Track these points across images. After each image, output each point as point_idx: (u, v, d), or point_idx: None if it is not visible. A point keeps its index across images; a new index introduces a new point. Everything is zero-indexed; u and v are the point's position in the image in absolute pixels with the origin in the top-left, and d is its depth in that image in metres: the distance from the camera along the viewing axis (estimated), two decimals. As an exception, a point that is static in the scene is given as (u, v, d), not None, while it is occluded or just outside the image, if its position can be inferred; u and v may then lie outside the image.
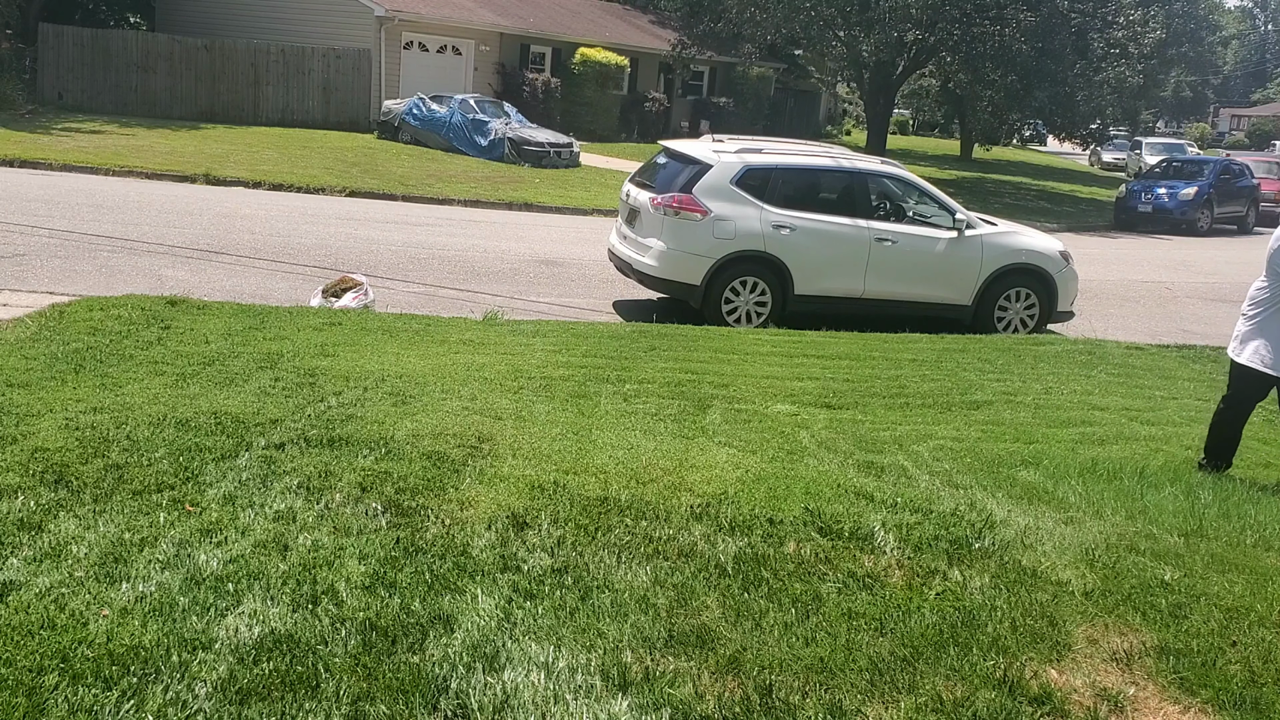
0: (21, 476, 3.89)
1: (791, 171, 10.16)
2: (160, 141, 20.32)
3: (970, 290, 10.33)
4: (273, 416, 4.94)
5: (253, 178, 17.24)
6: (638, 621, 3.18)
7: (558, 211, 17.91)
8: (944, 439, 6.42)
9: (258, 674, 2.76)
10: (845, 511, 4.12)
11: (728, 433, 5.81)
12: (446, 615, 3.13)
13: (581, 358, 7.54)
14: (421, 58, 27.52)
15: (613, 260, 10.68)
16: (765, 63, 35.53)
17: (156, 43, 25.76)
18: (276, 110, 25.78)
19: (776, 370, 7.87)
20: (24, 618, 2.91)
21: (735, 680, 2.92)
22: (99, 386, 5.49)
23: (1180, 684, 3.08)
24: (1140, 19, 28.60)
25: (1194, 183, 25.15)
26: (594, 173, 22.85)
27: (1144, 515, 4.74)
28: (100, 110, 23.95)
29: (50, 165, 16.58)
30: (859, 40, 27.70)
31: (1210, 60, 78.58)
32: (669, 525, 3.89)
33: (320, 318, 8.07)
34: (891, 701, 2.88)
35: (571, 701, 2.77)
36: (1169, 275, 17.03)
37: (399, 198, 17.22)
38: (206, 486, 3.98)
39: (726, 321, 9.78)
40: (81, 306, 7.58)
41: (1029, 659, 3.14)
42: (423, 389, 5.92)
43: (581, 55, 29.86)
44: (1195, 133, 67.12)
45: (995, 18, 24.73)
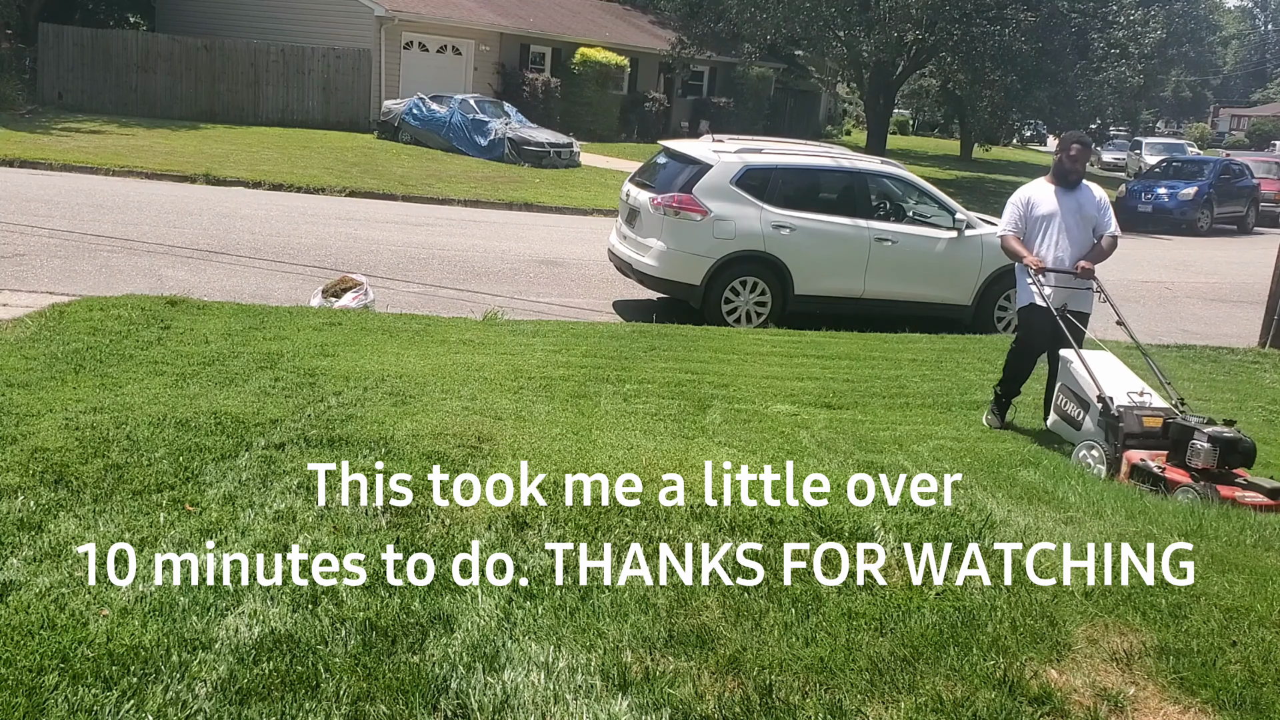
0: (21, 476, 3.89)
1: (791, 171, 10.16)
2: (160, 141, 20.32)
3: (970, 290, 10.33)
4: (273, 416, 4.94)
5: (253, 178, 17.24)
6: (638, 621, 3.17)
7: (558, 211, 17.91)
8: (944, 439, 6.42)
9: (258, 674, 2.76)
10: (845, 511, 4.12)
11: (728, 433, 5.81)
12: (446, 615, 3.13)
13: (581, 358, 7.54)
14: (421, 58, 27.52)
15: (613, 260, 10.68)
16: (765, 63, 35.53)
17: (156, 43, 25.76)
18: (276, 110, 25.78)
19: (776, 370, 7.87)
20: (24, 618, 2.91)
21: (735, 680, 2.92)
22: (99, 386, 5.49)
23: (1180, 684, 3.08)
24: (1140, 19, 28.62)
25: (1194, 183, 25.15)
26: (594, 173, 22.85)
27: (1144, 515, 4.74)
28: (100, 110, 23.94)
29: (50, 165, 16.58)
30: (859, 40, 27.71)
31: (1210, 60, 78.58)
32: (669, 525, 3.89)
33: (320, 318, 8.07)
34: (891, 701, 2.88)
35: (571, 701, 2.77)
36: (1169, 275, 17.03)
37: (399, 198, 17.22)
38: (206, 486, 3.98)
39: (726, 321, 9.78)
40: (81, 306, 7.58)
41: (1029, 659, 3.14)
42: (423, 389, 5.91)
43: (581, 55, 29.85)
44: (1195, 133, 67.09)
45: (995, 18, 24.74)
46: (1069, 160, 6.72)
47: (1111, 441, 5.96)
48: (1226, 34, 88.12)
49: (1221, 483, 5.41)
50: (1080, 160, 6.74)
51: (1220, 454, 5.45)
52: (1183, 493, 5.41)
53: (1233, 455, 5.50)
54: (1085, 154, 6.80)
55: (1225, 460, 5.48)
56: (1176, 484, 5.48)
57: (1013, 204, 6.88)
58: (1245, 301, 14.00)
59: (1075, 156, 6.73)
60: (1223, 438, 5.46)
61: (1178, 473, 5.56)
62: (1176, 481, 5.50)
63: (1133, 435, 5.87)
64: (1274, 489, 5.38)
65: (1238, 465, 5.55)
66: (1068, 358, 6.46)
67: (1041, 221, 6.73)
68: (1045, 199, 6.75)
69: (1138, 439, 5.86)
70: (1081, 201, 6.73)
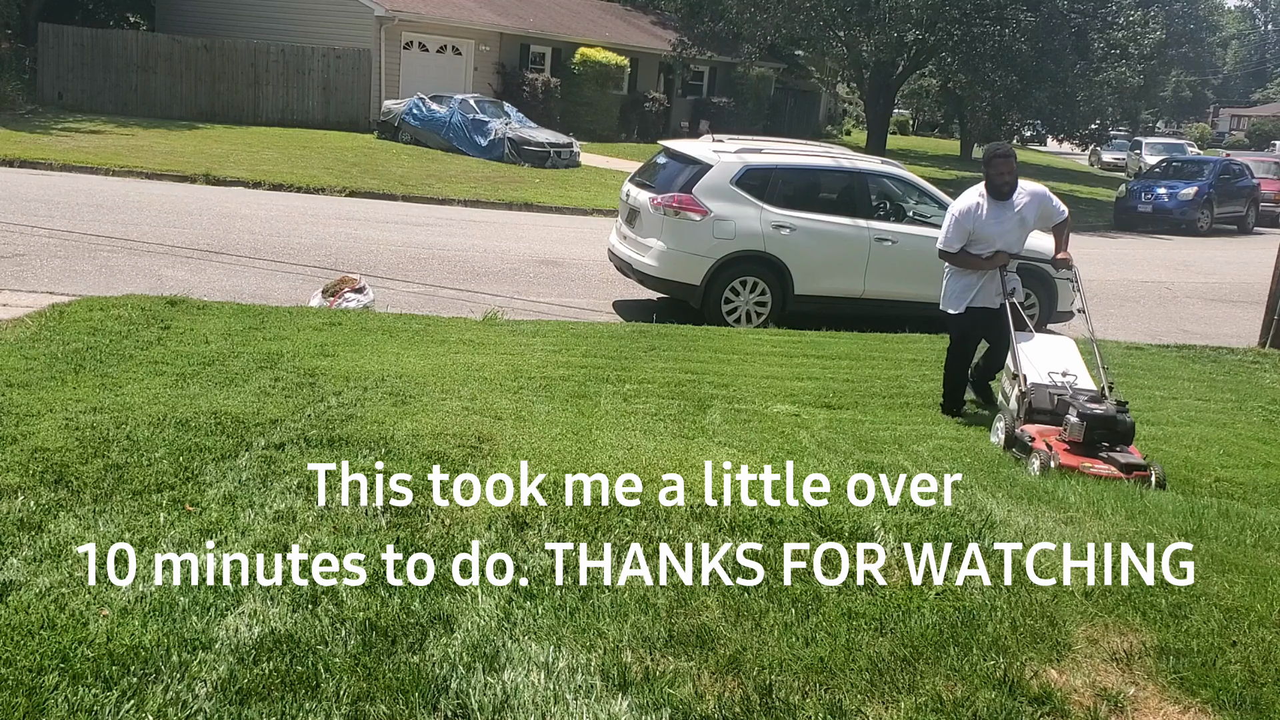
0: (21, 476, 3.89)
1: (791, 171, 10.16)
2: (160, 141, 20.32)
3: (970, 290, 10.33)
4: (273, 416, 4.94)
5: (253, 178, 17.24)
6: (638, 621, 3.17)
7: (558, 211, 17.91)
8: (944, 439, 6.43)
9: (258, 674, 2.76)
10: (845, 511, 4.12)
11: (728, 433, 5.81)
12: (446, 615, 3.13)
13: (581, 358, 7.54)
14: (421, 58, 27.52)
15: (613, 260, 10.68)
16: (765, 63, 35.52)
17: (156, 43, 25.76)
18: (276, 110, 25.78)
19: (776, 370, 7.87)
20: (24, 618, 2.91)
21: (735, 680, 2.92)
22: (99, 386, 5.49)
23: (1180, 684, 3.08)
24: (1140, 19, 28.64)
25: (1194, 183, 25.14)
26: (594, 173, 22.85)
27: (1144, 515, 4.74)
28: (100, 110, 23.94)
29: (50, 165, 16.58)
30: (859, 40, 27.74)
31: (1210, 60, 78.59)
32: (669, 525, 3.89)
33: (320, 318, 8.07)
34: (891, 701, 2.88)
35: (571, 701, 2.77)
36: (1169, 275, 17.03)
37: (399, 198, 17.22)
38: (206, 486, 3.97)
39: (726, 321, 9.78)
40: (81, 306, 7.58)
41: (1029, 659, 3.14)
42: (422, 389, 5.91)
43: (581, 55, 29.85)
44: (1195, 133, 67.09)
45: (995, 18, 24.75)
46: (996, 174, 6.80)
47: (1017, 415, 6.17)
48: (1226, 34, 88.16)
49: (1088, 456, 5.62)
50: (1006, 171, 6.79)
51: (1088, 428, 5.68)
52: (1030, 459, 5.72)
53: (1101, 430, 5.71)
54: (1009, 164, 6.83)
55: (1095, 435, 5.69)
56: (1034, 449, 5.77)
57: (956, 218, 6.89)
58: (1245, 301, 14.00)
59: (1000, 170, 6.79)
60: (1091, 414, 5.69)
61: (1044, 443, 5.80)
62: (1036, 448, 5.77)
63: (1041, 411, 6.08)
64: (1129, 464, 5.55)
65: (1114, 442, 5.74)
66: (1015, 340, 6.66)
67: (988, 238, 6.82)
68: (986, 214, 6.81)
69: (1046, 415, 6.06)
70: (1022, 212, 6.86)
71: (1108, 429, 5.72)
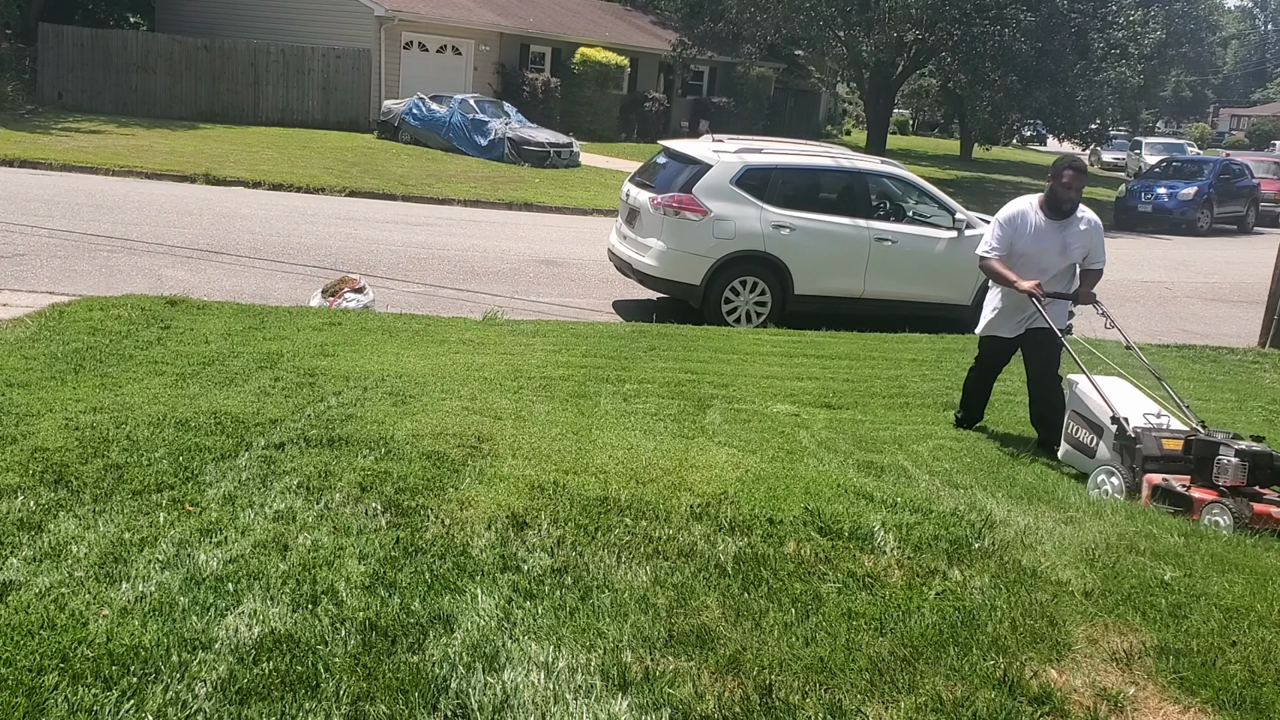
0: (21, 476, 3.89)
1: (791, 171, 10.16)
2: (160, 141, 20.32)
3: (970, 290, 10.32)
4: (273, 416, 4.94)
5: (253, 178, 17.24)
6: (638, 621, 3.17)
7: (558, 211, 17.91)
8: (944, 439, 6.42)
9: (258, 674, 2.76)
10: (845, 511, 4.12)
11: (728, 433, 5.81)
12: (446, 615, 3.13)
13: (581, 358, 7.54)
14: (421, 58, 27.52)
15: (613, 260, 10.68)
16: (765, 63, 35.53)
17: (156, 43, 25.76)
18: (276, 110, 25.77)
19: (776, 370, 7.87)
20: (24, 618, 2.91)
21: (735, 680, 2.92)
22: (99, 386, 5.49)
23: (1180, 684, 3.08)
24: (1140, 19, 28.63)
25: (1194, 183, 25.15)
26: (594, 173, 22.85)
27: (1144, 515, 4.74)
28: (100, 110, 23.94)
29: (50, 165, 16.57)
30: (859, 40, 27.73)
31: (1210, 60, 78.60)
32: (669, 525, 3.89)
33: (320, 318, 8.07)
34: (891, 701, 2.88)
35: (571, 701, 2.77)
36: (1169, 275, 17.03)
37: (399, 198, 17.22)
38: (206, 486, 3.98)
39: (726, 321, 9.78)
40: (81, 306, 7.58)
41: (1029, 659, 3.14)
42: (422, 389, 5.91)
43: (581, 55, 29.85)
44: (1195, 133, 67.08)
45: (995, 18, 24.74)
46: (1062, 188, 6.06)
47: (1129, 465, 5.44)
48: (1226, 34, 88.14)
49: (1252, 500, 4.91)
50: (1075, 188, 6.05)
51: (1250, 469, 5.00)
52: (1210, 512, 4.92)
53: (1262, 471, 5.05)
54: (1080, 180, 6.06)
55: (1255, 477, 5.03)
56: (1202, 503, 4.98)
57: (1001, 224, 6.28)
58: (1245, 301, 14.00)
59: (1068, 184, 6.04)
60: (1252, 452, 5.01)
61: (1204, 492, 5.06)
62: (1202, 500, 5.00)
63: (1152, 458, 5.36)
64: None
65: (1268, 483, 5.09)
66: (1075, 380, 6.06)
67: (1024, 256, 6.21)
68: (1034, 229, 6.18)
69: (1158, 462, 5.35)
70: (1068, 239, 6.19)
71: (1265, 467, 5.03)
